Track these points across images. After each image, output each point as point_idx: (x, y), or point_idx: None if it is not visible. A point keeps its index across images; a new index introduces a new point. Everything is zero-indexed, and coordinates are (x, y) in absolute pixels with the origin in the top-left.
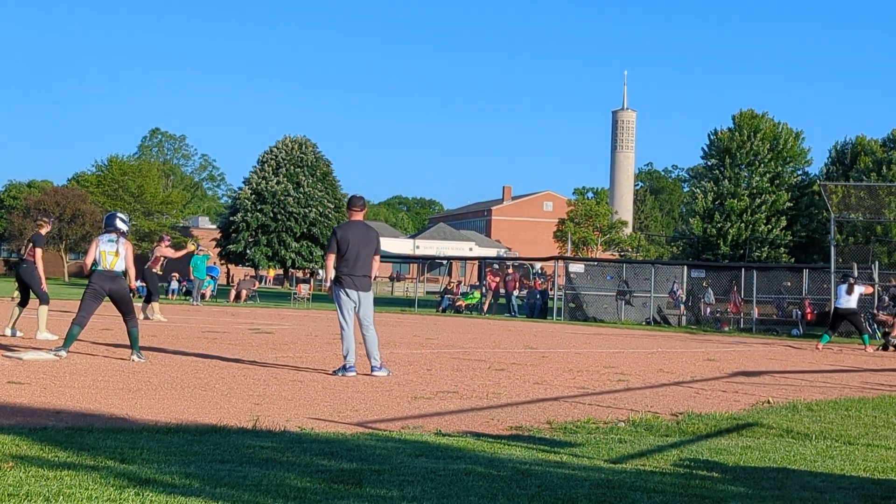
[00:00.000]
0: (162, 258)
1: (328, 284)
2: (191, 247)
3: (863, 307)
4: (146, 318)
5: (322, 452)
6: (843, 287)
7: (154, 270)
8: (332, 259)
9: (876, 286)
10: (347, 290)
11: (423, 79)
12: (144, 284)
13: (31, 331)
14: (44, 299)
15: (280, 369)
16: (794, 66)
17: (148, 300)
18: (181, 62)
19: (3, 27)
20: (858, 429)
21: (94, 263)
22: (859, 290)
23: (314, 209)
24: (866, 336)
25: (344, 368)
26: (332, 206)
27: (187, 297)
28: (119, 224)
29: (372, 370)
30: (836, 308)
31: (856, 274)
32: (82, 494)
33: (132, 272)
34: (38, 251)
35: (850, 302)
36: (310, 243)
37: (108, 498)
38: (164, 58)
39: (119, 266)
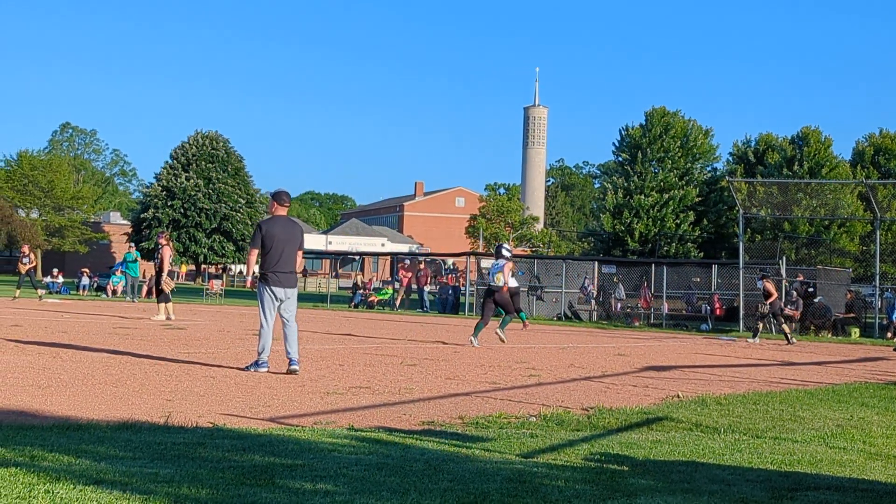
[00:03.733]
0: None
1: (250, 279)
2: None
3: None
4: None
5: (234, 448)
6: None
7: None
8: (254, 254)
9: (783, 281)
10: (273, 287)
11: (335, 73)
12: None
13: None
14: None
15: (192, 365)
16: (706, 64)
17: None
18: (92, 56)
19: None
20: (766, 422)
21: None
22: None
23: (226, 204)
24: (523, 314)
25: (256, 364)
26: (244, 202)
27: (98, 293)
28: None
29: (290, 364)
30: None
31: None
32: None
33: None
34: None
35: (513, 281)
36: (222, 238)
37: (18, 496)
38: (74, 52)
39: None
